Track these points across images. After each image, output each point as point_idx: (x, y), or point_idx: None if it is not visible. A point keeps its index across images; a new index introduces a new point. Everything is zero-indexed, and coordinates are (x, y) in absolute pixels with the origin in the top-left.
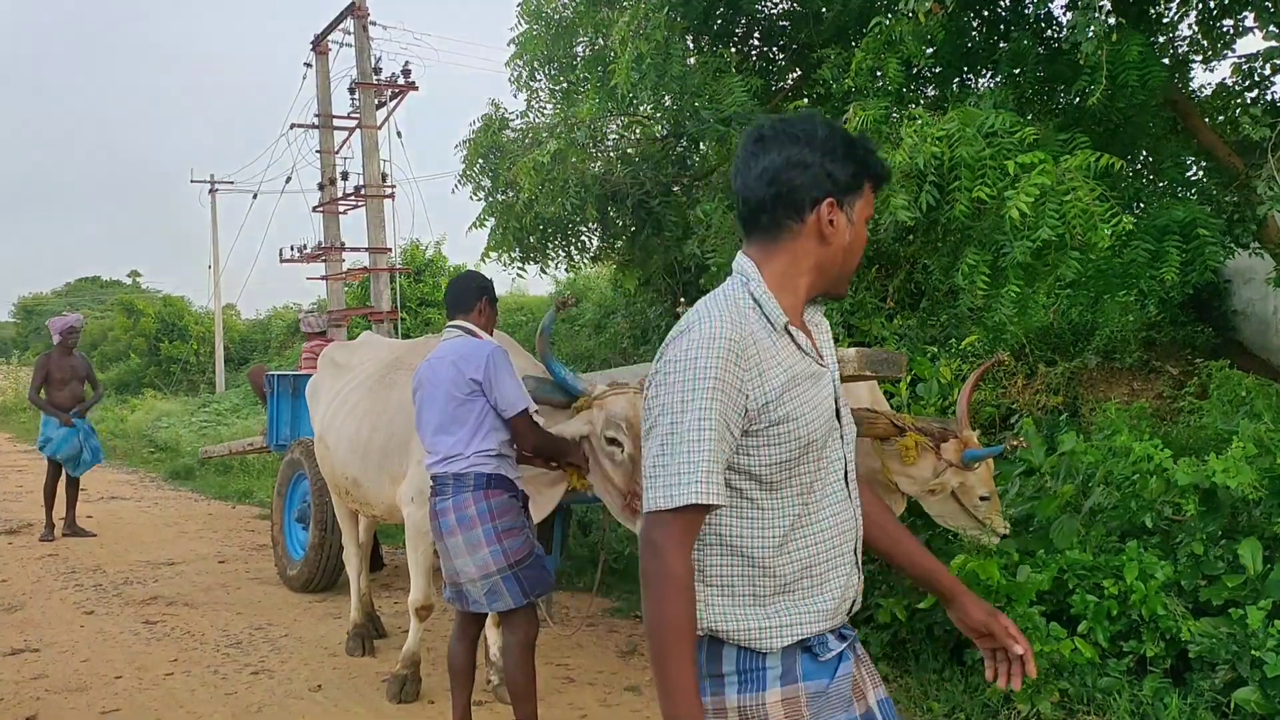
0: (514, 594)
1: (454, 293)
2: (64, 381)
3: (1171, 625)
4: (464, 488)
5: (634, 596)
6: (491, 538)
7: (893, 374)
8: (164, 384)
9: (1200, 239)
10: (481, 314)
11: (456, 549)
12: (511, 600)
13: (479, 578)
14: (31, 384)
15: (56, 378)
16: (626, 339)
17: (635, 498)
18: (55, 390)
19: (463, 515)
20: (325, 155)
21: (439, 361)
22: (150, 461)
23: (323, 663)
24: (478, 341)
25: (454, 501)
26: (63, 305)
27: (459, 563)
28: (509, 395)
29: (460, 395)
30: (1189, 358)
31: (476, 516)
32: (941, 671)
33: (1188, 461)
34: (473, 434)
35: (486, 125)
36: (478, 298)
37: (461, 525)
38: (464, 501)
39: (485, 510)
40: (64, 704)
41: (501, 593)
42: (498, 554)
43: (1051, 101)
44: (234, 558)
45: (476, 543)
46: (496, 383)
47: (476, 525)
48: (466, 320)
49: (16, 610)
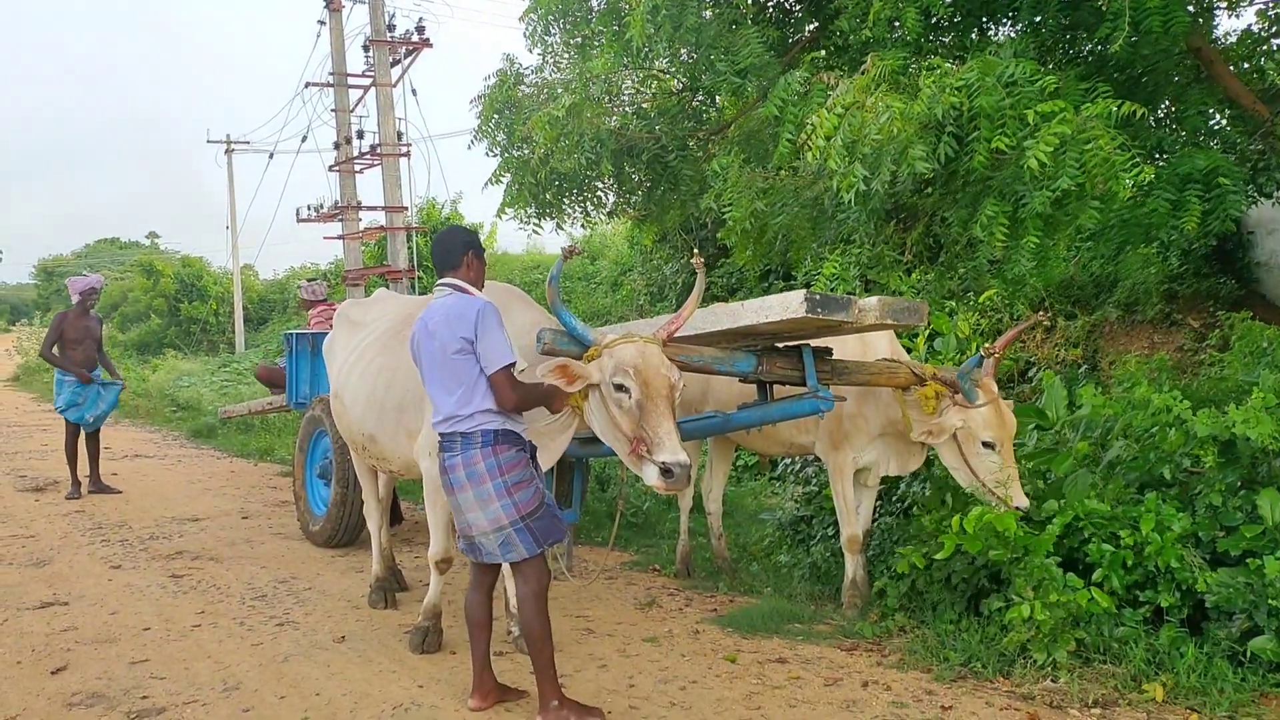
0: (527, 544)
1: (440, 250)
2: (78, 342)
3: (1188, 576)
4: (471, 444)
5: (652, 550)
6: (501, 492)
7: (914, 322)
8: (184, 344)
9: (1222, 188)
10: (470, 268)
11: (467, 503)
12: (525, 550)
13: (491, 531)
14: (45, 340)
15: (70, 338)
16: (643, 295)
17: (641, 443)
18: (69, 350)
19: (472, 471)
20: (340, 114)
21: (431, 322)
22: (172, 420)
23: (346, 615)
24: (467, 299)
25: (462, 458)
26: (83, 266)
27: (471, 516)
28: (490, 351)
29: (455, 355)
30: (1210, 311)
31: (485, 472)
32: (958, 621)
33: (1207, 413)
34: (472, 392)
35: (501, 81)
36: (463, 252)
37: (471, 481)
38: (472, 458)
39: (494, 466)
40: (94, 654)
41: (515, 544)
42: (508, 507)
43: (1073, 50)
44: (257, 514)
45: (487, 497)
46: (482, 338)
47: (486, 480)
48: (455, 276)
49: (45, 565)
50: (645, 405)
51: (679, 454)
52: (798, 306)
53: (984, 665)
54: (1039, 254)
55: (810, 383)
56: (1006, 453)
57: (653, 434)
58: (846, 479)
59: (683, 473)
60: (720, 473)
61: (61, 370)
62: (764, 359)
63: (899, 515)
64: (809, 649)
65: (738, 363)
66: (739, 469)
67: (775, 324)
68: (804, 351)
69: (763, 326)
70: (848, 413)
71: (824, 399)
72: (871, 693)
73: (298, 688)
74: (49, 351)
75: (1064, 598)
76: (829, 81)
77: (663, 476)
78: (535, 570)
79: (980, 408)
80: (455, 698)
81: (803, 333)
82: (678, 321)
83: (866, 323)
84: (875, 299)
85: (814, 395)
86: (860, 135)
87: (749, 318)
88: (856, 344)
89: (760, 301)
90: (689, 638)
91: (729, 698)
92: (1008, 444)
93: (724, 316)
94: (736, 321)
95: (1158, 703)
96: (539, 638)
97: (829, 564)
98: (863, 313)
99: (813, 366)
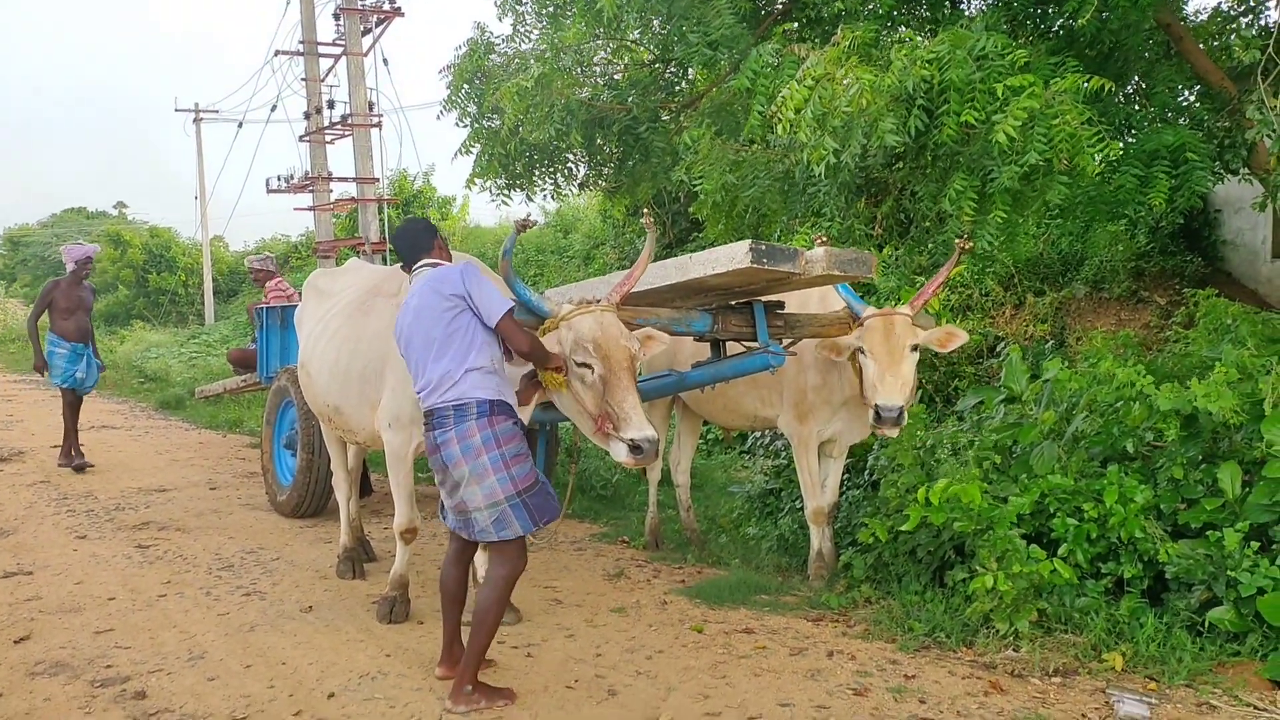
0: (522, 521)
1: (409, 241)
2: (70, 311)
3: (1150, 547)
4: (465, 416)
5: (620, 522)
6: (498, 465)
7: (862, 274)
8: (152, 315)
9: (1189, 164)
10: (441, 250)
11: (463, 478)
12: (520, 528)
13: (485, 506)
14: (33, 309)
15: (62, 306)
16: (615, 268)
17: (606, 420)
18: (60, 319)
19: (467, 445)
20: (311, 83)
21: (416, 298)
22: (140, 391)
23: (314, 585)
24: (446, 266)
25: (456, 431)
26: (49, 236)
27: (465, 492)
28: (487, 301)
29: (446, 317)
30: (1177, 288)
31: (481, 445)
32: (923, 593)
33: (1170, 387)
34: (465, 353)
35: (472, 50)
36: (431, 238)
37: (466, 455)
38: (467, 430)
39: (490, 438)
40: (58, 624)
41: (510, 521)
42: (505, 481)
43: (1044, 24)
44: (225, 484)
45: (483, 471)
46: (476, 292)
47: (482, 453)
48: (429, 258)
49: (9, 535)
50: (609, 380)
51: (645, 429)
52: (743, 257)
53: (948, 635)
54: (1007, 229)
55: (761, 337)
56: (879, 358)
57: (618, 409)
58: (811, 452)
59: (651, 448)
60: (689, 445)
61: (52, 341)
62: (719, 316)
63: (866, 488)
64: (775, 619)
65: (693, 322)
66: (708, 442)
67: (724, 275)
68: (754, 306)
69: (712, 279)
70: (811, 384)
71: (774, 353)
72: (836, 662)
73: (264, 657)
74: (33, 322)
75: (1027, 569)
76: (800, 53)
77: (631, 453)
78: (515, 554)
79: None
80: (422, 666)
81: (753, 287)
82: (630, 281)
83: (814, 274)
84: (822, 249)
85: (764, 350)
86: (830, 107)
87: (697, 270)
88: (819, 305)
89: (708, 253)
90: (656, 608)
91: (695, 667)
92: (879, 352)
93: (673, 270)
94: (685, 274)
95: (1117, 671)
96: (491, 622)
97: (796, 536)
98: (810, 264)
99: (764, 321)
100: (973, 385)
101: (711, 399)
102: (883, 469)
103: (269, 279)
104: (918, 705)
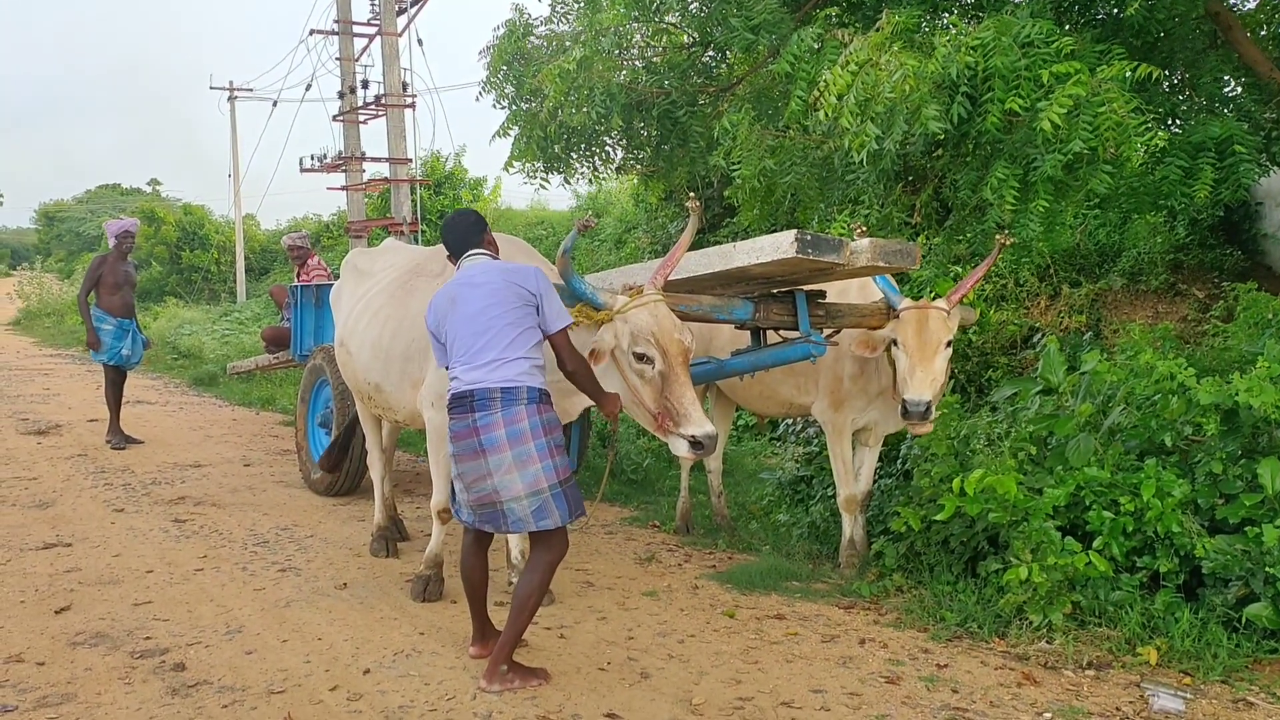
0: (562, 511)
1: (459, 233)
2: (116, 286)
3: (1186, 542)
4: (515, 400)
5: (651, 507)
6: (545, 453)
7: (907, 265)
8: (185, 292)
9: (1235, 156)
10: (490, 244)
11: (502, 464)
12: (560, 518)
13: (526, 495)
14: (83, 285)
15: (109, 282)
16: (647, 253)
17: (666, 416)
18: (107, 294)
19: (514, 429)
20: (345, 63)
21: (476, 276)
22: (174, 368)
23: (348, 562)
24: (520, 262)
25: (504, 415)
26: (84, 213)
27: (503, 479)
28: (554, 310)
29: (515, 305)
30: (1215, 281)
31: (529, 430)
32: (955, 583)
33: (1210, 381)
34: (523, 344)
35: (510, 31)
36: (481, 230)
37: (512, 440)
38: (516, 415)
39: (539, 424)
40: (97, 595)
41: (551, 510)
42: (549, 470)
43: (1089, 11)
44: (259, 461)
45: (528, 458)
46: (547, 299)
47: (529, 440)
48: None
49: (48, 507)
50: (668, 375)
51: (706, 424)
52: (789, 246)
53: (980, 626)
54: (1047, 218)
55: (803, 327)
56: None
57: (678, 405)
58: (845, 440)
59: (711, 444)
60: (721, 431)
61: (98, 318)
62: (760, 305)
63: (899, 477)
64: (806, 606)
65: (735, 310)
66: (739, 428)
67: (768, 265)
68: (796, 295)
69: (755, 268)
70: (848, 373)
71: (816, 343)
72: (868, 650)
73: (300, 632)
74: (84, 297)
75: (1061, 561)
76: (843, 39)
77: (693, 449)
78: (562, 539)
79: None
80: (456, 645)
81: (796, 277)
82: (669, 265)
83: (859, 265)
84: (867, 240)
85: (806, 339)
86: (873, 94)
87: (741, 259)
88: (859, 294)
89: (753, 242)
90: (688, 593)
91: (727, 651)
92: (912, 345)
93: (716, 258)
94: (729, 263)
95: (1151, 666)
96: (532, 605)
97: (828, 523)
98: (855, 254)
99: (805, 310)
100: (1007, 376)
101: (748, 386)
102: (916, 458)
103: (308, 257)
104: (950, 695)
